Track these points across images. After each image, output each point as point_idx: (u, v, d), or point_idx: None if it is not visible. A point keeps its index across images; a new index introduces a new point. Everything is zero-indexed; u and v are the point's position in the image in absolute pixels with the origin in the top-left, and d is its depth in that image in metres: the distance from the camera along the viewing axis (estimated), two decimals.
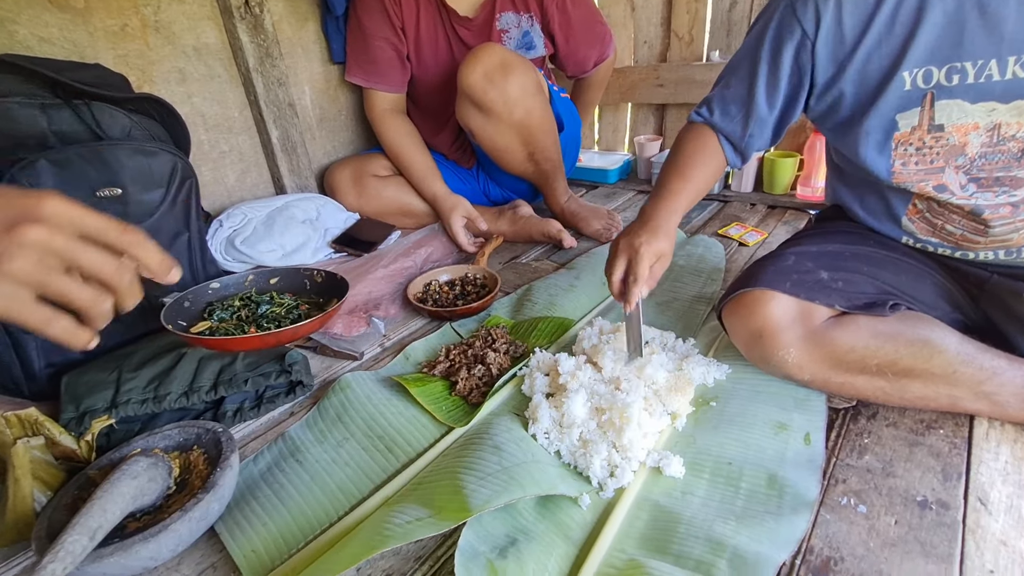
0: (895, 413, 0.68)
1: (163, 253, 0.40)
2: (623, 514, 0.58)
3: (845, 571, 0.50)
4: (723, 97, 0.76)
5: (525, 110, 1.11)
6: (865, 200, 0.77)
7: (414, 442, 0.69)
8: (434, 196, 1.23)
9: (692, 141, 0.79)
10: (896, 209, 0.73)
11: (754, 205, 1.44)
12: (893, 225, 0.74)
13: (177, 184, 0.90)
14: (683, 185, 0.77)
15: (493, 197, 1.44)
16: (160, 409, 0.73)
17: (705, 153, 0.78)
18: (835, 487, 0.59)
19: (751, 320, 0.69)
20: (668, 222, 0.74)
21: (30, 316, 0.34)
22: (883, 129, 0.65)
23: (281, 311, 0.88)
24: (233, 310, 0.88)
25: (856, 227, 0.78)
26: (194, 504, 0.54)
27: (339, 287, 0.92)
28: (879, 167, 0.67)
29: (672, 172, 0.78)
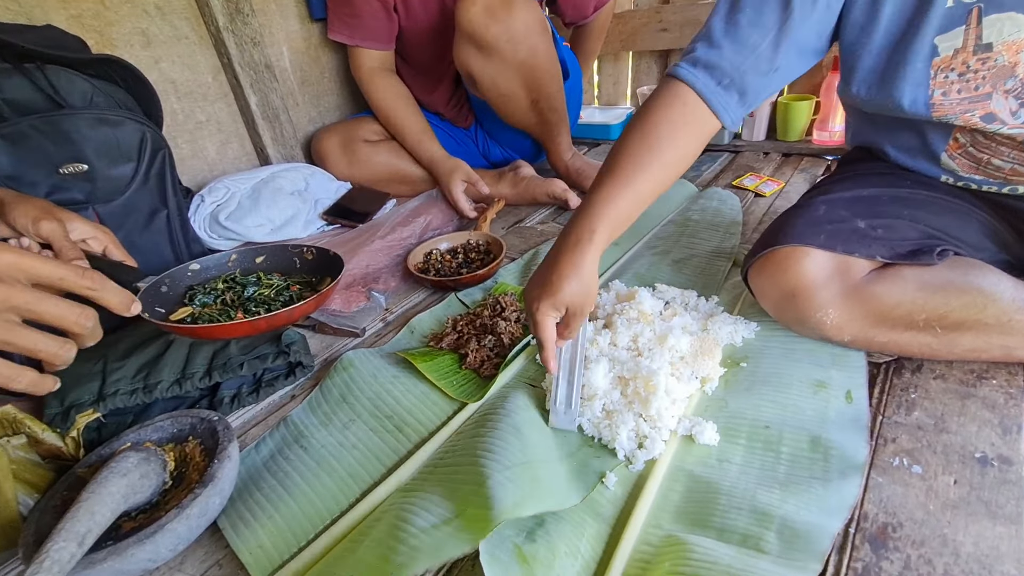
0: (941, 365, 0.63)
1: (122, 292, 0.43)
2: (656, 487, 0.53)
3: (905, 537, 0.46)
4: (735, 23, 0.60)
5: (530, 49, 1.01)
6: (896, 139, 0.69)
7: (425, 420, 0.64)
8: (431, 160, 1.15)
9: (654, 112, 0.61)
10: (934, 146, 0.65)
11: (767, 154, 1.36)
12: (930, 164, 0.67)
13: (148, 156, 0.82)
14: (616, 188, 0.59)
15: (493, 158, 1.36)
16: (151, 399, 0.68)
17: (668, 130, 0.60)
18: (885, 447, 0.54)
19: (782, 280, 0.63)
20: (572, 257, 0.57)
21: None
22: (922, 56, 0.58)
23: (270, 293, 0.81)
24: (216, 294, 0.80)
25: (888, 167, 0.72)
26: (192, 500, 0.50)
27: (333, 264, 0.84)
28: (916, 101, 0.60)
29: (610, 166, 0.61)
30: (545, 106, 1.12)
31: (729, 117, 0.63)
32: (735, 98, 0.63)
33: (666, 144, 0.61)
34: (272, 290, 0.81)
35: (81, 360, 0.70)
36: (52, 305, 0.37)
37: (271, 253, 0.86)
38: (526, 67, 1.03)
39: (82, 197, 0.76)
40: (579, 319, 0.59)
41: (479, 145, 1.34)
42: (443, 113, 1.28)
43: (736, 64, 0.61)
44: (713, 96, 0.62)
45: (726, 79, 0.62)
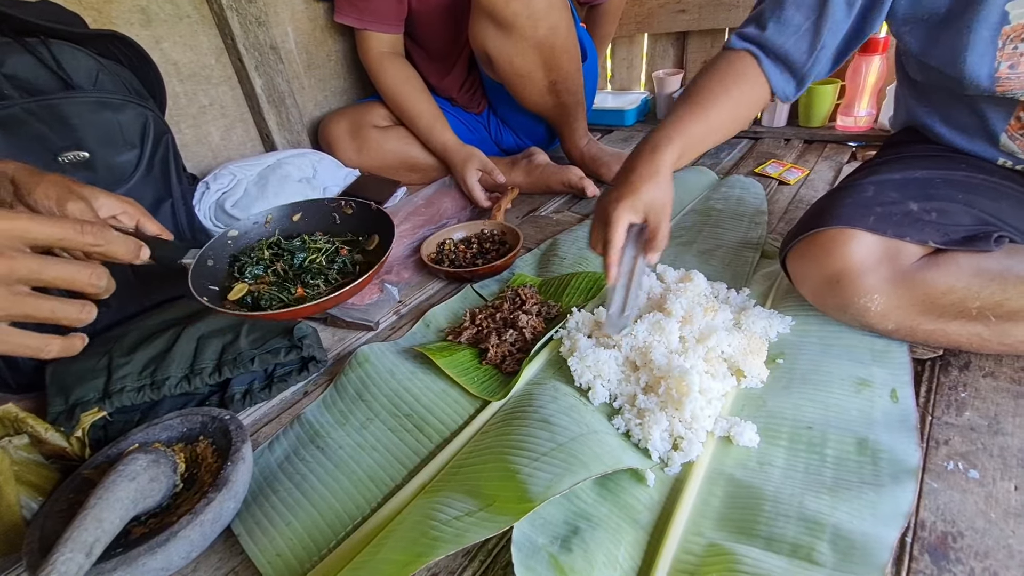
0: (990, 361, 0.60)
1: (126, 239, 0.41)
2: (695, 492, 0.51)
3: (967, 548, 0.43)
4: (779, 3, 0.63)
5: (550, 26, 0.97)
6: (951, 117, 0.66)
7: (447, 420, 0.61)
8: (444, 147, 1.11)
9: (720, 65, 0.65)
10: (993, 125, 0.62)
11: (789, 140, 1.32)
12: (988, 144, 0.63)
13: (152, 142, 0.79)
14: (688, 115, 0.61)
15: (505, 145, 1.32)
16: (160, 396, 0.65)
17: (734, 77, 0.64)
18: (937, 450, 0.51)
19: (827, 263, 0.59)
20: (652, 159, 0.58)
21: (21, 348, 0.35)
22: (990, 23, 0.54)
23: (321, 259, 0.75)
24: (264, 263, 0.75)
25: (941, 148, 0.68)
26: (205, 505, 0.47)
27: (377, 221, 0.78)
28: (979, 73, 0.56)
29: (682, 99, 0.63)
30: (563, 88, 1.07)
31: (782, 89, 0.66)
32: (784, 74, 0.65)
33: (735, 86, 0.64)
34: (322, 254, 0.75)
35: (86, 355, 0.68)
36: (60, 269, 0.35)
37: (308, 210, 0.80)
38: (545, 46, 0.99)
39: None
40: (664, 224, 0.59)
41: (491, 131, 1.29)
42: (455, 98, 1.24)
43: (780, 43, 0.63)
44: (767, 66, 0.64)
45: (771, 55, 0.64)
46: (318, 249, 0.74)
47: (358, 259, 0.74)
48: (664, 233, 0.59)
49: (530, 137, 1.30)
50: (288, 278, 0.72)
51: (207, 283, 0.70)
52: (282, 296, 0.69)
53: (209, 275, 0.71)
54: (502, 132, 1.29)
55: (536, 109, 1.12)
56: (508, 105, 1.19)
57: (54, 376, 0.65)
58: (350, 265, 0.74)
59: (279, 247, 0.75)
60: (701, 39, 1.49)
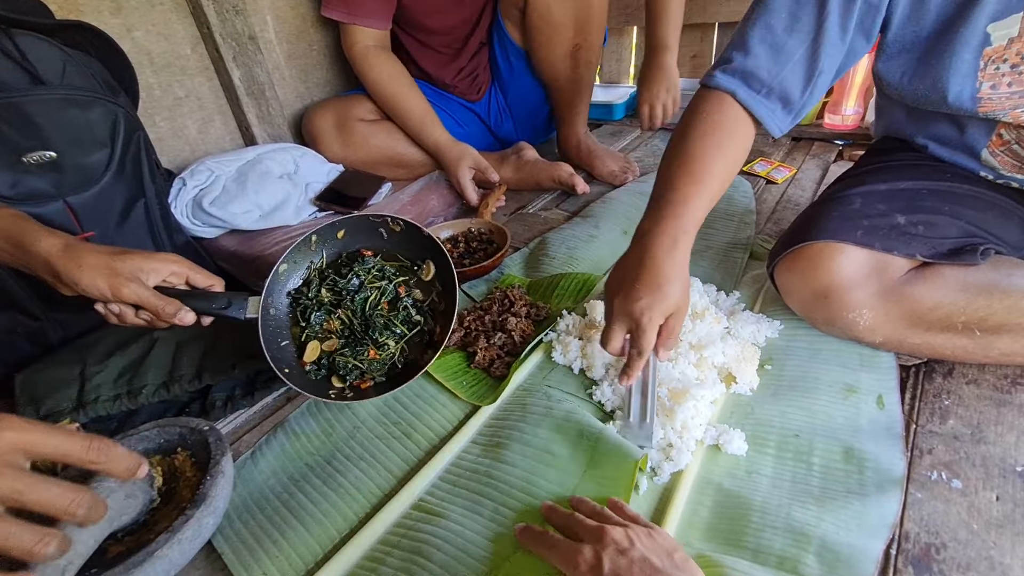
0: (974, 369, 0.61)
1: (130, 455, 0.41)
2: (684, 501, 0.51)
3: (950, 560, 0.44)
4: (770, 29, 0.57)
5: None
6: (934, 131, 0.65)
7: (436, 426, 0.61)
8: (436, 144, 1.09)
9: (706, 119, 0.60)
10: (974, 142, 0.61)
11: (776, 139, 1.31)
12: (969, 158, 0.63)
13: (123, 140, 0.75)
14: (695, 192, 0.56)
15: (503, 133, 1.29)
16: (137, 405, 0.63)
17: (728, 136, 0.59)
18: (921, 459, 0.52)
19: (815, 279, 0.59)
20: (675, 257, 0.54)
21: None
22: (971, 46, 0.53)
23: (382, 299, 0.66)
24: (324, 305, 0.66)
25: (925, 157, 0.68)
26: (184, 522, 0.46)
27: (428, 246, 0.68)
28: (962, 95, 0.55)
29: (681, 170, 0.58)
30: (583, 58, 1.09)
31: (775, 124, 0.61)
32: (778, 106, 0.60)
33: (729, 146, 0.60)
34: (382, 295, 0.66)
35: (57, 364, 0.65)
36: (41, 494, 0.35)
37: (352, 227, 0.70)
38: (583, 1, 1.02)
39: (51, 189, 0.68)
40: (680, 324, 0.56)
41: (490, 118, 1.26)
42: (452, 85, 1.20)
43: (774, 72, 0.59)
44: (755, 104, 0.60)
45: (764, 88, 0.59)
46: (377, 287, 0.66)
47: (417, 298, 0.68)
48: (678, 333, 0.56)
49: (531, 124, 1.28)
50: (355, 330, 0.65)
51: (279, 339, 0.63)
52: (358, 363, 0.63)
53: (276, 328, 0.64)
54: (502, 118, 1.26)
55: (551, 75, 1.13)
56: (517, 85, 1.19)
57: (24, 385, 0.63)
58: (413, 310, 0.67)
59: (335, 283, 0.66)
60: (691, 32, 1.48)
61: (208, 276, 0.58)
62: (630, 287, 0.54)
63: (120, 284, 0.51)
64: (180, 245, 0.87)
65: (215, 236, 0.96)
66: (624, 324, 0.55)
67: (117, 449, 0.40)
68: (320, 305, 0.65)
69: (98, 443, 0.38)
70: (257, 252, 0.91)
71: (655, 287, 0.53)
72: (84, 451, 0.37)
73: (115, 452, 0.39)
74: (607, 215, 1.01)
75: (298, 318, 0.66)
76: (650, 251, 0.55)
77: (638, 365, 0.55)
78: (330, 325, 0.65)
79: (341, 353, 0.64)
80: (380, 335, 0.64)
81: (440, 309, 0.68)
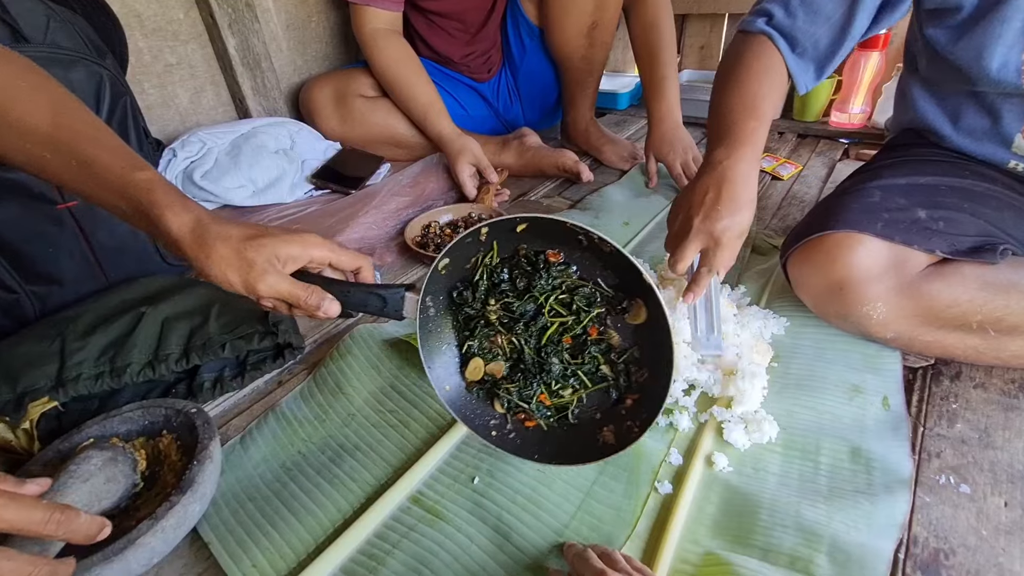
0: (981, 372, 0.60)
1: (92, 521, 0.37)
2: (691, 497, 0.49)
3: (959, 566, 0.43)
4: None
5: None
6: (962, 117, 0.64)
7: (434, 415, 0.58)
8: (439, 136, 1.05)
9: (756, 60, 0.63)
10: (1007, 126, 0.60)
11: (782, 134, 1.30)
12: (998, 146, 0.62)
13: (108, 104, 0.71)
14: (758, 126, 0.59)
15: (510, 116, 1.26)
16: (120, 384, 0.60)
17: (772, 77, 0.63)
18: (929, 463, 0.51)
19: (831, 270, 0.58)
20: (751, 184, 0.57)
21: None
22: (1022, 12, 0.52)
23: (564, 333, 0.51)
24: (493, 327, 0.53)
25: (944, 153, 0.67)
26: (168, 509, 0.43)
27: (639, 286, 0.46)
28: (1006, 65, 0.54)
29: (741, 108, 0.61)
30: (598, 38, 1.08)
31: (804, 82, 0.65)
32: (811, 67, 0.63)
33: (779, 88, 0.64)
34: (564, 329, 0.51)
35: (34, 339, 0.62)
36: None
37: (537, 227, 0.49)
38: None
39: None
40: (741, 244, 0.58)
41: (498, 99, 1.23)
42: (462, 64, 1.16)
43: (811, 34, 0.61)
44: (792, 62, 0.63)
45: (799, 48, 0.62)
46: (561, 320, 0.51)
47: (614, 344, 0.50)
48: (736, 254, 0.58)
49: (539, 107, 1.26)
50: (524, 360, 0.51)
51: (440, 344, 0.53)
52: (526, 404, 0.51)
53: (436, 331, 0.53)
54: (511, 100, 1.23)
55: (565, 53, 1.11)
56: (529, 65, 1.17)
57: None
58: (601, 359, 0.51)
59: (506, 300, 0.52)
60: (700, 22, 1.45)
61: (354, 257, 0.49)
62: (711, 208, 0.56)
63: (255, 279, 0.43)
64: None
65: None
66: (702, 243, 0.57)
67: (78, 519, 0.36)
68: (487, 323, 0.52)
69: (58, 516, 0.34)
70: None
71: (736, 209, 0.55)
72: (41, 526, 0.34)
73: (76, 523, 0.36)
74: (605, 208, 0.99)
75: (461, 326, 0.53)
76: (729, 177, 0.56)
77: (706, 282, 0.57)
78: (497, 342, 0.53)
79: (506, 386, 0.52)
80: (555, 383, 0.51)
81: (640, 379, 0.49)
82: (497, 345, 0.53)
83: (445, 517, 0.48)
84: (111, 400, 0.61)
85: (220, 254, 0.43)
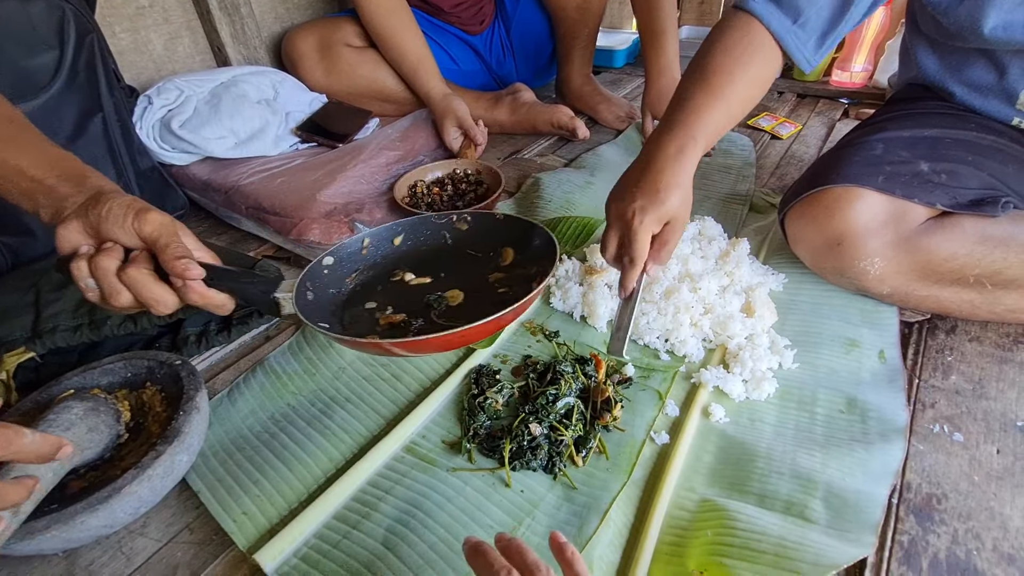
0: (976, 326, 0.60)
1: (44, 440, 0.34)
2: (687, 446, 0.49)
3: (951, 510, 0.43)
4: None
5: None
6: (968, 74, 0.62)
7: (427, 368, 0.57)
8: (427, 95, 1.01)
9: (733, 38, 0.56)
10: (1014, 82, 0.58)
11: (782, 93, 1.27)
12: (1003, 103, 0.61)
13: (74, 42, 0.66)
14: (708, 103, 0.54)
15: (504, 71, 1.20)
16: (100, 337, 0.57)
17: (750, 53, 0.55)
18: (923, 413, 0.51)
19: (830, 224, 0.57)
20: (677, 167, 0.51)
21: None
22: None
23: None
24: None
25: (950, 106, 0.65)
26: (154, 459, 0.42)
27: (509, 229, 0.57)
28: (1012, 23, 0.52)
29: (697, 82, 0.55)
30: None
31: (804, 57, 0.58)
32: (812, 39, 0.57)
33: (752, 63, 0.56)
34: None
35: (7, 290, 0.59)
36: None
37: (411, 230, 0.58)
38: None
39: None
40: (677, 237, 0.52)
41: (491, 54, 1.17)
42: (453, 14, 1.10)
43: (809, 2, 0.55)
44: (788, 35, 0.56)
45: (802, 17, 0.55)
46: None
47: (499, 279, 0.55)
48: (673, 248, 0.52)
49: (533, 62, 1.20)
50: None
51: (316, 321, 0.49)
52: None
53: (315, 313, 0.50)
54: (504, 54, 1.18)
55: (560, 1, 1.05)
56: (522, 15, 1.11)
57: None
58: None
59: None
60: None
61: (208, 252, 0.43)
62: (628, 191, 0.52)
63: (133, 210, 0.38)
64: (145, 170, 0.79)
65: (186, 164, 0.88)
66: (617, 229, 0.52)
67: (23, 438, 0.32)
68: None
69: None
70: (232, 183, 0.84)
71: (652, 191, 0.50)
72: None
73: (22, 442, 0.32)
74: (601, 166, 0.97)
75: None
76: (653, 156, 0.52)
77: (631, 276, 0.52)
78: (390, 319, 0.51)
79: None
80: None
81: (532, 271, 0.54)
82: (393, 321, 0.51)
83: (440, 464, 0.47)
84: (91, 354, 0.59)
85: None
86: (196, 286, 0.39)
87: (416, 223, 0.59)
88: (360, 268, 0.56)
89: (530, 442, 0.47)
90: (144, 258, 0.38)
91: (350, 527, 0.42)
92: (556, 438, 0.48)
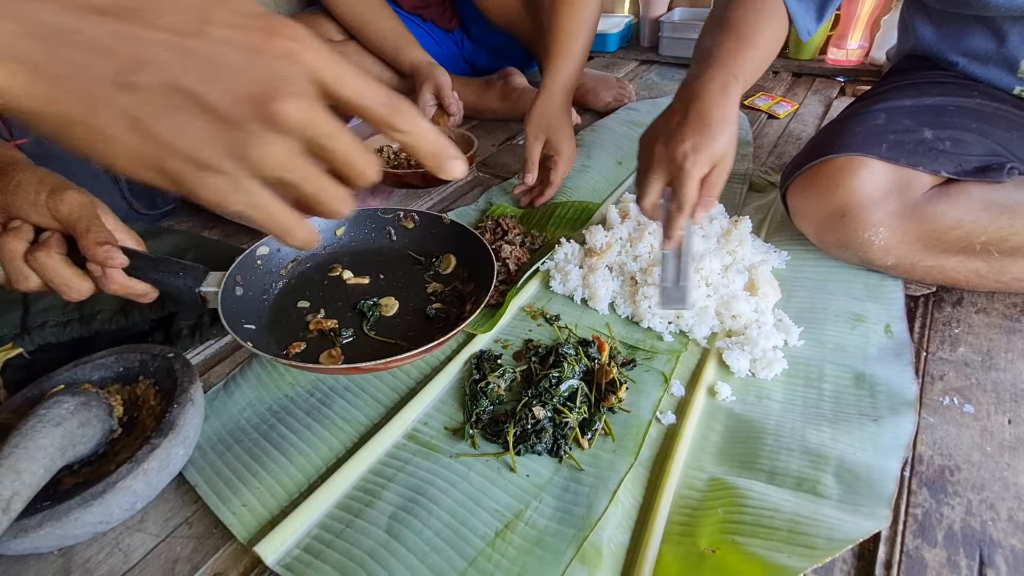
0: (983, 298, 0.59)
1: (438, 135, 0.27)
2: (694, 425, 0.48)
3: (964, 481, 0.43)
4: None
5: None
6: (968, 43, 0.61)
7: (428, 358, 0.56)
8: (413, 64, 0.99)
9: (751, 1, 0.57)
10: (1014, 50, 0.58)
11: (777, 73, 1.26)
12: (1005, 72, 0.60)
13: None
14: (740, 47, 0.53)
15: (481, 64, 1.19)
16: (91, 332, 0.56)
17: (764, 6, 0.56)
18: (933, 385, 0.51)
19: (834, 195, 0.56)
20: (725, 102, 0.48)
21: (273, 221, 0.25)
22: None
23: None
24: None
25: (951, 75, 0.64)
26: (149, 452, 0.41)
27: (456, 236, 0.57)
28: None
29: (723, 32, 0.54)
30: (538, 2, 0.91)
31: (805, 27, 0.59)
32: (813, 9, 0.58)
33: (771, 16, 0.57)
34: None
35: None
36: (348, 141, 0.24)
37: (353, 224, 0.59)
38: None
39: None
40: (725, 176, 0.49)
41: (464, 51, 1.16)
42: (425, 14, 1.08)
43: None
44: (792, 4, 0.57)
45: None
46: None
47: (436, 290, 0.56)
48: (721, 187, 0.49)
49: (506, 57, 1.18)
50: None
51: (241, 319, 0.49)
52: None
53: (244, 309, 0.50)
54: (477, 54, 1.16)
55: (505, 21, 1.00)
56: (479, 28, 1.08)
57: None
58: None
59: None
60: None
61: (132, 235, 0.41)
62: (674, 130, 0.48)
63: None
64: None
65: None
66: (663, 173, 0.48)
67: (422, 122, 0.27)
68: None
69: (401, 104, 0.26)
70: None
71: (703, 127, 0.47)
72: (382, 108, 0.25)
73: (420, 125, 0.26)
74: (598, 144, 0.95)
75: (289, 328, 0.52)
76: (698, 95, 0.49)
77: (680, 223, 0.48)
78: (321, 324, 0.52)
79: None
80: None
81: (468, 290, 0.56)
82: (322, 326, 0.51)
83: (443, 451, 0.46)
84: (82, 351, 0.57)
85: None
86: (116, 275, 0.37)
87: (362, 216, 0.58)
88: (297, 258, 0.55)
89: (534, 426, 0.46)
90: (57, 241, 0.36)
91: (353, 516, 0.41)
92: (560, 421, 0.47)
